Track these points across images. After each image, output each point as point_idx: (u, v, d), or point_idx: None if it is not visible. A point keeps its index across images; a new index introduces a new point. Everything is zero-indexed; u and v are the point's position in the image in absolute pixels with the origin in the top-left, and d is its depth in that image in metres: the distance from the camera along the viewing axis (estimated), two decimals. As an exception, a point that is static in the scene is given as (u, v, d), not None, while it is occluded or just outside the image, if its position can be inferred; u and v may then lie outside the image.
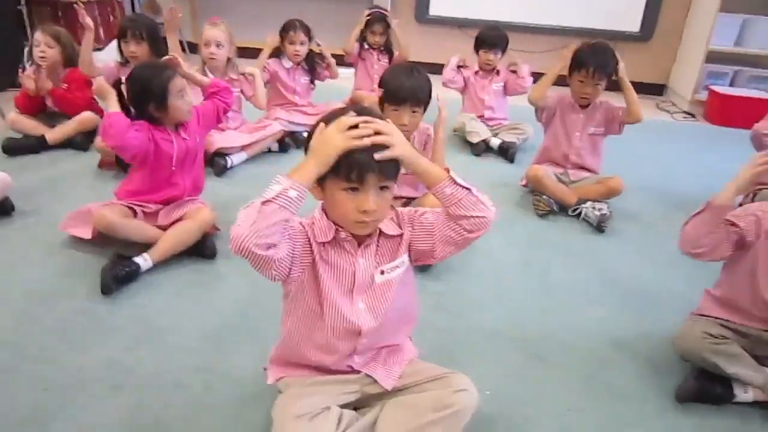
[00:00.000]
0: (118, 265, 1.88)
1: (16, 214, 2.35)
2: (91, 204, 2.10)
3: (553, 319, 1.89)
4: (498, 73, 3.42)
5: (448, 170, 1.16)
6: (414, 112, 2.05)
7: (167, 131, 2.07)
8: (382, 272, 1.22)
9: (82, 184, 2.66)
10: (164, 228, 2.06)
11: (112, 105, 1.98)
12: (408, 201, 2.24)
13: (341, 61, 3.56)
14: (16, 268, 2.01)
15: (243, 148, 2.92)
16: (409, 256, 1.26)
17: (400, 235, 1.23)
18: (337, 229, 1.17)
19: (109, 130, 1.94)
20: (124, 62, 2.79)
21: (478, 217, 1.15)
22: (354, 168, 1.07)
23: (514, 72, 3.39)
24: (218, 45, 2.84)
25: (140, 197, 2.10)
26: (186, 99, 2.06)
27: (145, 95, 1.99)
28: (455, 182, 1.15)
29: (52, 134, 3.01)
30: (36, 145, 2.98)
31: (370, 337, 1.25)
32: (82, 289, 1.89)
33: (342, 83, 3.68)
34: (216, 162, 2.79)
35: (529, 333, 1.81)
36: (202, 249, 2.06)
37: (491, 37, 3.34)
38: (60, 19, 4.11)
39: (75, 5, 2.99)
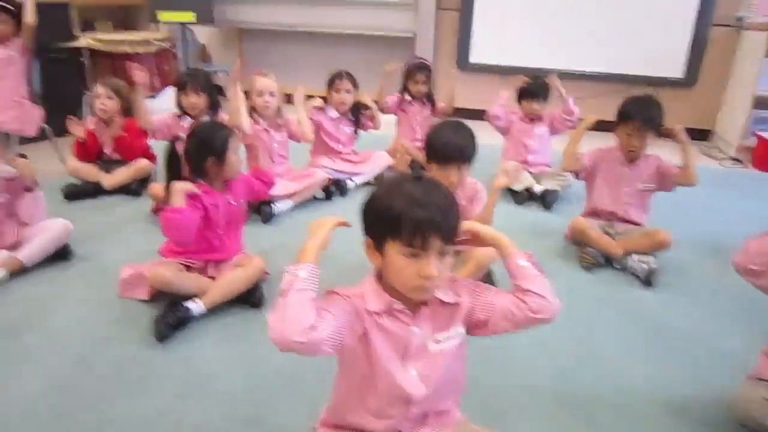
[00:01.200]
0: (170, 312, 1.95)
1: (74, 259, 2.46)
2: (143, 266, 2.15)
3: (600, 377, 1.85)
4: (540, 118, 3.44)
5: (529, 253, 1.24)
6: (460, 169, 2.07)
7: (215, 195, 2.13)
8: (437, 341, 1.22)
9: (136, 230, 2.77)
10: (215, 278, 2.12)
11: (179, 200, 2.00)
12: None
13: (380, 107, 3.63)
14: (74, 312, 2.09)
15: (289, 195, 3.00)
16: (465, 326, 1.26)
17: (456, 305, 1.23)
18: (391, 301, 1.18)
19: (173, 226, 1.97)
20: (181, 114, 2.91)
21: (544, 297, 1.18)
22: (417, 233, 1.08)
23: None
24: (271, 94, 2.96)
25: (185, 256, 2.15)
26: (238, 156, 2.17)
27: (207, 149, 2.08)
28: (531, 259, 1.21)
29: (109, 180, 3.16)
30: (93, 191, 3.13)
31: (421, 405, 1.24)
32: (135, 334, 1.96)
33: (385, 131, 3.74)
34: (263, 210, 2.87)
35: (577, 391, 1.78)
36: (250, 297, 2.11)
37: (534, 87, 3.37)
38: (117, 69, 4.33)
39: (127, 62, 3.16)
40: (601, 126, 2.62)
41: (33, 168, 2.33)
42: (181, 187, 2.03)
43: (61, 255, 2.43)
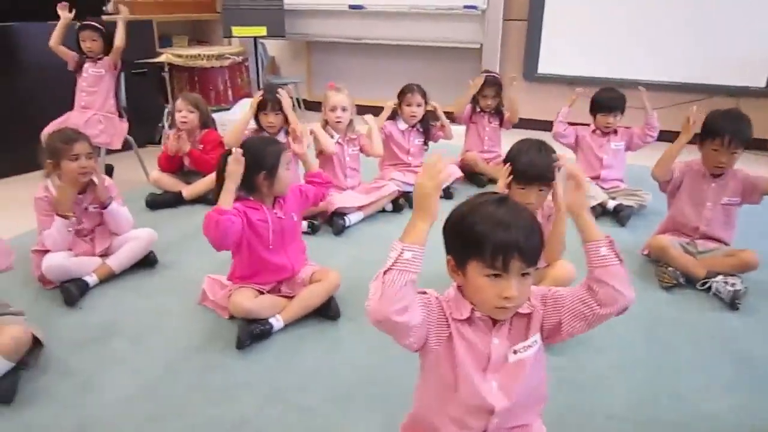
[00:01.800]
0: (253, 324, 2.01)
1: (158, 266, 2.58)
2: (221, 290, 2.20)
3: (683, 405, 1.78)
4: (616, 132, 3.35)
5: (611, 240, 1.20)
6: (541, 190, 2.04)
7: (263, 209, 2.11)
8: (515, 351, 1.23)
9: (213, 239, 2.87)
10: (291, 297, 2.16)
11: (227, 198, 1.97)
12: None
13: (451, 117, 3.63)
14: (159, 319, 2.20)
15: (360, 207, 3.04)
16: (541, 334, 1.26)
17: (531, 314, 1.24)
18: (473, 309, 1.20)
19: (212, 226, 1.93)
20: (259, 130, 3.01)
21: (617, 290, 1.16)
22: (499, 254, 1.09)
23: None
24: (344, 109, 3.03)
25: (252, 281, 2.15)
26: (289, 173, 2.16)
27: (258, 165, 2.05)
28: (613, 246, 1.18)
29: (188, 191, 3.31)
30: (174, 201, 3.28)
31: (502, 416, 1.24)
32: (218, 343, 2.04)
33: (452, 141, 3.74)
34: (335, 222, 2.93)
35: (658, 418, 1.72)
36: (326, 310, 2.15)
37: (608, 100, 3.28)
38: (196, 83, 4.52)
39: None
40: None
41: (106, 188, 2.44)
42: (231, 187, 1.99)
43: (146, 262, 2.56)
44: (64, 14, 3.41)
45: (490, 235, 1.10)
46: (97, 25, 3.50)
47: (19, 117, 3.79)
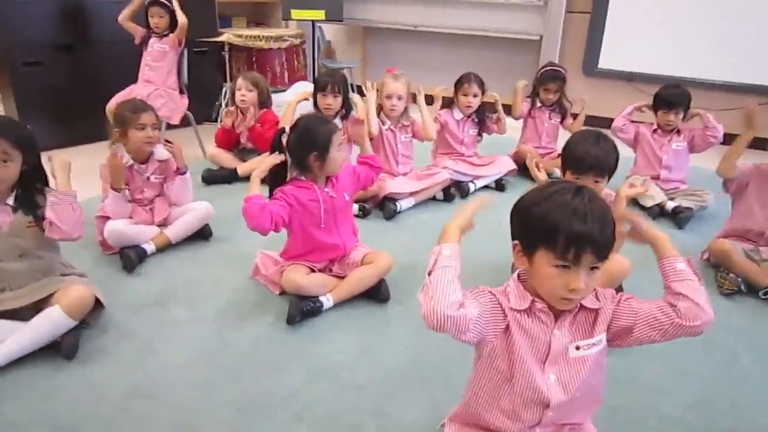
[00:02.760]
0: (304, 300, 2.04)
1: (212, 239, 2.65)
2: (274, 265, 2.23)
3: (740, 414, 1.72)
4: (679, 132, 3.24)
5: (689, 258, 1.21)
6: (597, 182, 1.99)
7: (314, 189, 2.12)
8: (578, 347, 1.21)
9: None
10: (342, 277, 2.18)
11: (253, 188, 2.03)
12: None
13: (507, 110, 3.58)
14: (213, 290, 2.25)
15: (411, 194, 3.04)
16: (606, 335, 1.23)
17: (598, 310, 1.22)
18: (533, 300, 1.18)
19: (245, 215, 1.98)
20: (316, 112, 3.03)
21: (698, 305, 1.13)
22: (572, 245, 1.07)
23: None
24: (399, 98, 3.01)
25: (304, 259, 2.17)
26: (341, 153, 2.15)
27: (309, 145, 2.06)
28: (690, 264, 1.18)
29: (243, 167, 3.37)
30: (229, 177, 3.35)
31: (557, 411, 1.23)
32: (268, 317, 2.07)
33: (508, 133, 3.69)
34: (386, 206, 2.93)
35: (711, 424, 1.67)
36: (376, 292, 2.16)
37: (671, 96, 3.16)
38: (254, 63, 4.58)
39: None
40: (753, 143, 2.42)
41: (185, 154, 2.53)
42: (257, 174, 2.05)
43: (202, 235, 2.62)
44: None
45: (564, 226, 1.07)
46: (164, 2, 3.59)
47: (86, 88, 3.93)
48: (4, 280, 1.84)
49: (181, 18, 3.54)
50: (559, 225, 1.08)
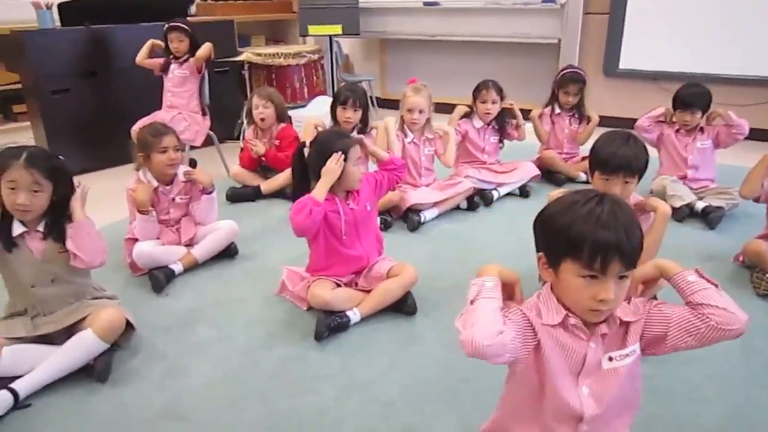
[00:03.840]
0: (331, 316, 2.04)
1: (238, 257, 2.67)
2: (300, 282, 2.23)
3: (783, 422, 1.66)
4: (702, 130, 3.16)
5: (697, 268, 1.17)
6: (627, 182, 1.95)
7: (335, 201, 2.13)
8: (611, 359, 1.18)
9: (291, 232, 2.92)
10: (367, 291, 2.17)
11: (322, 191, 2.04)
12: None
13: (527, 115, 3.55)
14: (239, 308, 2.26)
15: (435, 204, 3.02)
16: (640, 344, 1.20)
17: (631, 321, 1.18)
18: (566, 315, 1.15)
19: (305, 213, 1.98)
20: (334, 125, 3.04)
21: (724, 309, 1.10)
22: (598, 255, 1.04)
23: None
24: (420, 111, 3.01)
25: (328, 272, 2.17)
26: (359, 168, 2.15)
27: (327, 158, 2.07)
28: (701, 273, 1.14)
29: (266, 185, 3.40)
30: (253, 195, 3.38)
31: (591, 424, 1.20)
32: (296, 333, 2.07)
33: (530, 139, 3.65)
34: (410, 218, 2.92)
35: (754, 434, 1.61)
36: (403, 305, 2.15)
37: (688, 96, 3.09)
38: (273, 80, 4.64)
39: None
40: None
41: (210, 174, 2.56)
42: (328, 182, 2.06)
43: (227, 253, 2.64)
44: (155, 42, 3.68)
45: (588, 235, 1.05)
46: (183, 26, 3.65)
47: (111, 114, 4.02)
48: (37, 305, 1.88)
49: (201, 51, 3.60)
50: (584, 234, 1.05)
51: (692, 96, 3.08)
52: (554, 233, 1.11)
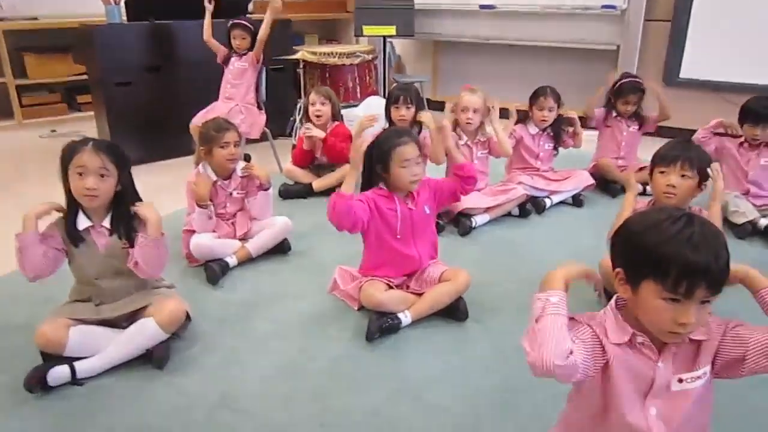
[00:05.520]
0: (383, 317, 2.05)
1: (291, 253, 2.70)
2: (353, 281, 2.24)
3: None
4: None
5: None
6: (684, 176, 1.92)
7: (393, 199, 2.13)
8: (680, 380, 1.14)
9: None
10: (419, 294, 2.17)
11: (348, 184, 2.04)
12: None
13: (584, 122, 3.48)
14: (294, 304, 2.29)
15: (486, 209, 3.00)
16: (713, 367, 1.16)
17: (703, 342, 1.15)
18: (633, 333, 1.12)
19: (334, 208, 2.01)
20: (390, 125, 3.06)
21: None
22: (685, 279, 1.00)
23: None
24: (475, 111, 2.98)
25: (380, 272, 2.18)
26: (411, 170, 2.08)
27: (375, 156, 2.10)
28: None
29: (318, 183, 3.44)
30: (304, 192, 3.43)
31: (659, 447, 1.17)
32: (347, 332, 2.09)
33: (584, 147, 3.59)
34: (461, 222, 2.91)
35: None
36: (455, 311, 2.14)
37: (759, 109, 2.97)
38: (327, 79, 4.68)
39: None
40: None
41: (267, 170, 2.61)
42: (353, 174, 2.07)
43: (281, 249, 2.69)
44: (209, 7, 3.74)
45: (676, 258, 1.00)
46: (246, 24, 3.74)
47: (171, 108, 4.13)
48: (101, 296, 1.94)
49: (264, 33, 3.67)
50: (671, 257, 1.01)
51: (765, 109, 2.97)
52: (638, 251, 1.07)
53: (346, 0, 6.41)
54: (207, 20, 3.76)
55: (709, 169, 1.99)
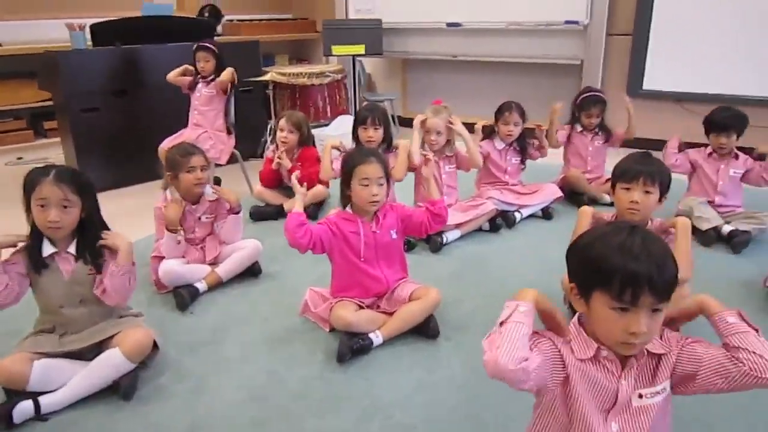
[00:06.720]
0: (354, 338, 2.05)
1: (262, 276, 2.69)
2: (323, 302, 2.23)
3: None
4: (737, 157, 3.12)
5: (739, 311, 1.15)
6: (647, 192, 1.96)
7: (357, 222, 2.14)
8: (641, 396, 1.16)
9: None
10: (390, 313, 2.17)
11: (296, 205, 2.11)
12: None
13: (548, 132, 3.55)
14: (264, 327, 2.28)
15: (457, 225, 3.02)
16: (670, 381, 1.18)
17: (661, 356, 1.17)
18: (598, 347, 1.14)
19: (286, 229, 2.06)
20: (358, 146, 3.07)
21: (761, 357, 1.07)
22: (628, 287, 1.04)
23: (762, 157, 3.04)
24: (438, 133, 3.03)
25: (349, 294, 2.18)
26: (371, 189, 2.07)
27: (345, 177, 2.14)
28: (743, 316, 1.12)
29: (289, 204, 3.42)
30: (275, 214, 3.41)
31: (621, 461, 1.18)
32: (319, 354, 2.08)
33: (552, 160, 3.65)
34: (432, 239, 2.92)
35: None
36: (425, 329, 2.14)
37: (725, 119, 3.06)
38: (297, 99, 4.70)
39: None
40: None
41: (237, 193, 2.60)
42: (299, 198, 2.15)
43: (251, 272, 2.67)
44: (188, 67, 3.75)
45: (618, 267, 1.04)
46: (211, 47, 3.73)
47: (138, 132, 4.10)
48: (65, 324, 1.90)
49: (224, 76, 3.66)
50: (613, 266, 1.05)
51: (729, 119, 3.05)
52: (586, 264, 1.11)
53: (315, 20, 6.47)
54: (179, 70, 3.75)
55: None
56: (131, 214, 3.36)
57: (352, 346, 2.01)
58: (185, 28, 3.92)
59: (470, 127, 3.22)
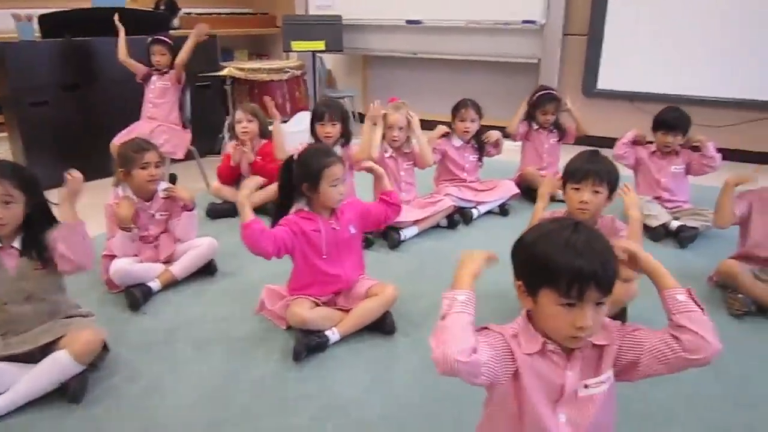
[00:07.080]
0: (310, 335, 2.04)
1: (218, 274, 2.65)
2: (280, 301, 2.21)
3: (757, 441, 1.70)
4: (677, 154, 3.24)
5: (689, 289, 1.18)
6: (596, 192, 2.00)
7: (316, 220, 2.13)
8: (586, 386, 1.19)
9: (271, 249, 2.92)
10: (347, 310, 2.17)
11: (245, 215, 2.02)
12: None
13: (505, 133, 3.60)
14: (219, 326, 2.25)
15: (415, 222, 3.04)
16: (613, 370, 1.22)
17: (605, 346, 1.20)
18: (544, 342, 1.17)
19: (245, 241, 2.01)
20: (315, 142, 3.05)
21: (701, 337, 1.12)
22: (574, 283, 1.06)
23: (696, 149, 3.18)
24: (400, 128, 3.05)
25: (308, 291, 2.16)
26: (338, 188, 2.09)
27: (303, 174, 2.09)
28: (692, 295, 1.16)
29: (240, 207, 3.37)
30: (233, 211, 3.33)
31: (569, 450, 1.21)
32: (275, 353, 2.06)
33: (509, 157, 3.71)
34: (390, 236, 2.93)
35: (730, 454, 1.64)
36: (382, 325, 2.15)
37: (671, 120, 3.17)
38: (256, 95, 4.63)
39: (264, 99, 3.40)
40: (746, 157, 2.42)
41: (191, 190, 2.55)
42: (243, 200, 2.04)
43: (207, 270, 2.63)
44: (120, 27, 3.67)
45: (565, 264, 1.07)
46: (166, 39, 3.65)
47: (91, 127, 3.99)
48: (8, 323, 1.84)
49: (182, 57, 3.60)
50: (560, 263, 1.07)
51: (676, 119, 3.15)
52: (532, 261, 1.13)
53: (275, 15, 6.39)
54: (121, 39, 3.66)
55: (619, 189, 2.08)
56: (83, 211, 3.25)
57: (308, 344, 2.01)
58: (139, 21, 3.82)
59: (429, 124, 3.25)
